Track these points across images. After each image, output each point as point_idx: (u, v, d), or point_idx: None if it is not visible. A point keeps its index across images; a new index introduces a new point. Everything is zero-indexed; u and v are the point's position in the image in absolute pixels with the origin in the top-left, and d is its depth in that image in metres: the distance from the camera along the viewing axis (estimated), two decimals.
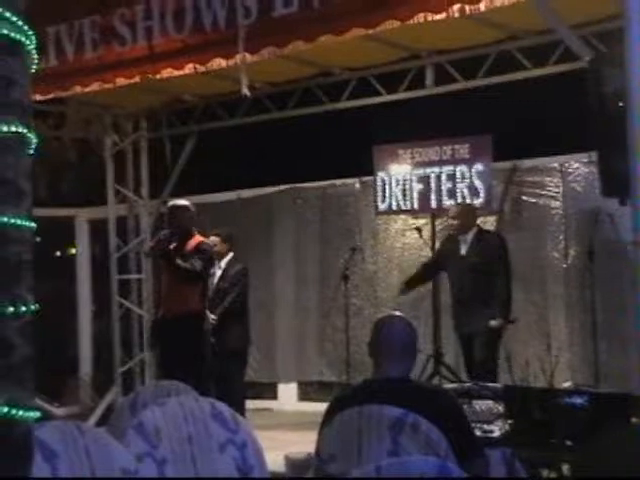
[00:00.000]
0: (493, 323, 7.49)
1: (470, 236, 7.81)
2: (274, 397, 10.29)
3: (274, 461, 4.51)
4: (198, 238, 7.67)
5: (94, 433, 3.34)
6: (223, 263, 8.26)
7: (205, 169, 10.69)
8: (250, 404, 9.44)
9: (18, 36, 2.11)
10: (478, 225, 7.97)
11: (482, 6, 6.27)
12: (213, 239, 8.03)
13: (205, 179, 10.97)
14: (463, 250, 7.81)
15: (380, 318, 3.86)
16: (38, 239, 2.14)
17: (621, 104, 4.50)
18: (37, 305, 2.11)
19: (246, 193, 10.34)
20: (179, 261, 7.36)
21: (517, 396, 4.25)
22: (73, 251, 11.76)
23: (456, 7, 6.32)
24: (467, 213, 7.94)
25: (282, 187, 10.16)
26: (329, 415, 3.61)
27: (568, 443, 3.89)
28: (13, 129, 2.07)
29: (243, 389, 8.35)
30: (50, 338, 7.42)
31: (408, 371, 3.69)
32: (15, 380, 2.02)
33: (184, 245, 7.55)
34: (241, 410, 7.43)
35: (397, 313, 3.98)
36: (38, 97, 7.53)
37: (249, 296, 8.36)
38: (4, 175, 2.05)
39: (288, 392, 10.22)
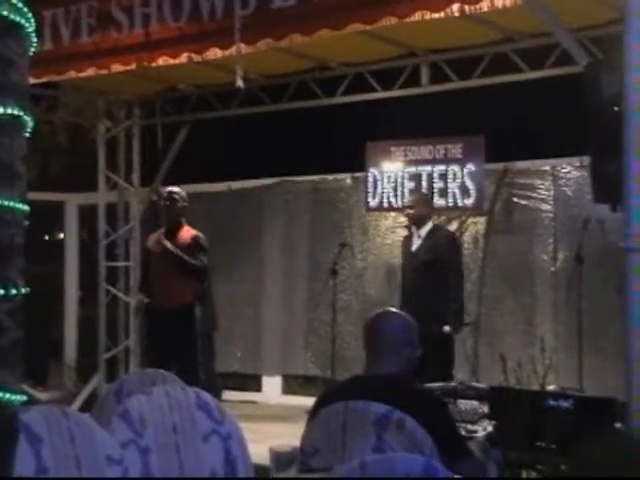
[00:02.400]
0: (446, 329, 7.40)
1: (423, 232, 7.76)
2: (258, 389, 10.25)
3: (258, 453, 4.46)
4: (189, 230, 7.68)
5: (79, 419, 3.32)
6: None
7: (197, 159, 10.76)
8: (234, 396, 9.60)
9: (18, 18, 2.10)
10: (434, 222, 7.94)
11: (484, 6, 6.27)
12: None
13: (197, 169, 10.95)
14: (414, 246, 7.77)
15: (373, 314, 3.82)
16: (27, 223, 2.12)
17: (616, 109, 4.50)
18: (27, 288, 2.10)
19: (237, 184, 10.31)
20: (187, 258, 7.41)
21: (502, 397, 4.24)
22: (61, 236, 11.76)
23: (455, 6, 6.32)
24: (422, 203, 7.88)
25: (273, 180, 10.13)
26: (316, 409, 3.60)
27: (552, 446, 3.90)
28: (9, 111, 2.05)
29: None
30: (36, 322, 7.38)
31: (398, 368, 3.64)
32: (4, 363, 2.01)
33: (174, 236, 7.59)
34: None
35: (393, 309, 3.95)
36: (32, 80, 7.42)
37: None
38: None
39: (272, 385, 10.18)
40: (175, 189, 7.80)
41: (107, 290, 10.33)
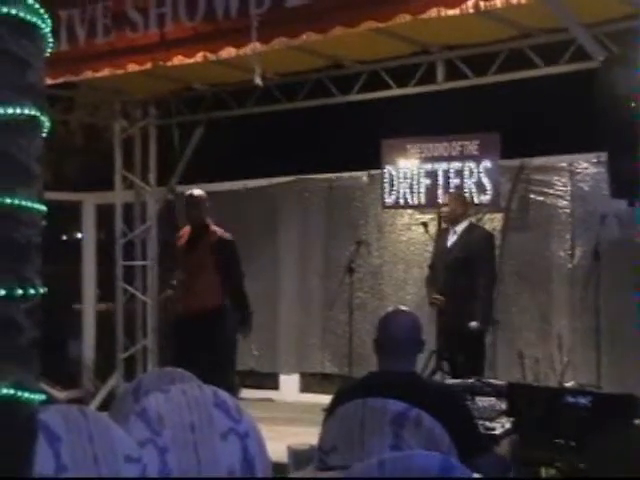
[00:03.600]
0: (473, 325, 7.43)
1: (459, 229, 7.77)
2: (275, 387, 10.28)
3: (276, 452, 4.47)
4: (215, 229, 7.66)
5: (97, 418, 3.35)
6: None
7: (213, 158, 10.72)
8: (251, 394, 9.66)
9: (34, 19, 2.10)
10: (471, 220, 7.97)
11: (499, 2, 6.24)
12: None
13: (212, 167, 10.93)
14: (449, 242, 7.78)
15: (385, 313, 3.87)
16: (44, 223, 2.13)
17: (633, 105, 4.47)
18: (45, 288, 2.11)
19: (252, 183, 10.31)
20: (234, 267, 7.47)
21: (520, 394, 4.25)
22: (79, 235, 11.76)
23: (470, 3, 6.28)
24: (457, 200, 7.89)
25: (289, 178, 10.12)
26: (333, 407, 3.62)
27: (570, 443, 3.88)
28: (27, 112, 2.06)
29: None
30: (54, 322, 7.43)
31: (412, 366, 3.70)
32: (22, 362, 2.02)
33: (200, 239, 7.58)
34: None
35: (402, 307, 3.99)
36: (49, 81, 7.33)
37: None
38: (17, 157, 2.04)
39: (290, 383, 10.22)
40: (196, 192, 7.78)
41: (124, 289, 10.32)
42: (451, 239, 7.80)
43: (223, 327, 7.48)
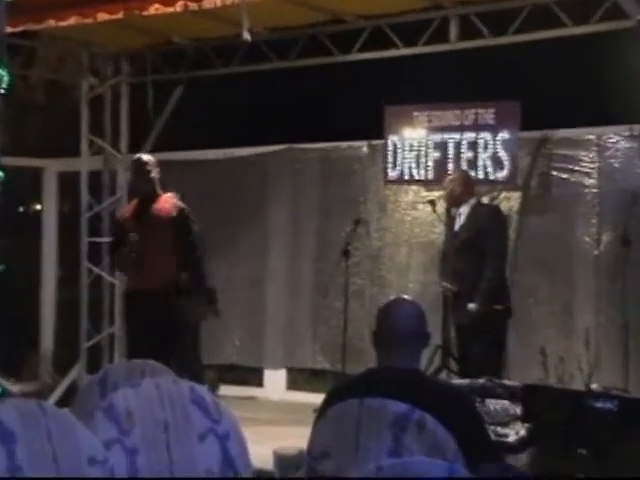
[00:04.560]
0: (470, 307, 7.55)
1: (465, 210, 7.90)
2: (259, 384, 10.30)
3: (260, 456, 4.51)
4: (167, 198, 7.61)
5: (58, 414, 3.32)
6: None
7: (193, 122, 10.73)
8: (231, 391, 9.68)
9: None
10: (478, 199, 8.04)
11: None
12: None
13: (192, 133, 10.92)
14: (457, 226, 7.91)
15: (386, 302, 3.90)
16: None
17: None
18: (3, 265, 2.10)
19: (237, 152, 10.21)
20: (191, 237, 7.39)
21: (537, 396, 4.31)
22: (38, 207, 11.75)
23: None
24: (454, 181, 7.98)
25: (279, 147, 10.04)
26: (325, 407, 3.62)
27: (592, 452, 3.89)
28: None
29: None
30: (8, 305, 7.42)
31: (416, 362, 3.72)
32: None
33: (150, 210, 7.52)
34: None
35: (404, 296, 4.02)
36: (8, 29, 7.37)
37: None
38: None
39: (276, 379, 10.22)
40: (145, 157, 7.74)
41: (89, 270, 10.27)
42: (458, 222, 7.92)
43: (181, 309, 7.40)
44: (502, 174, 8.44)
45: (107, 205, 10.37)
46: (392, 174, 8.96)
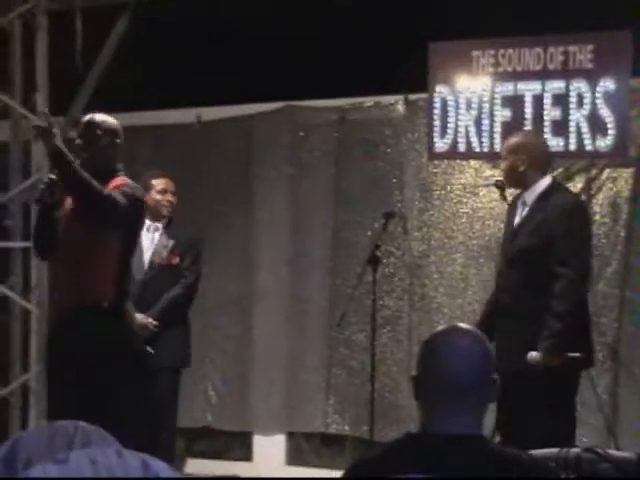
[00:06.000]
0: (532, 356, 7.02)
1: (531, 196, 7.39)
2: (246, 458, 9.96)
3: None
4: (120, 180, 7.24)
5: None
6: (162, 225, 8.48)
7: (144, 70, 10.19)
8: (205, 467, 9.76)
9: None
10: (554, 178, 7.60)
11: None
12: (159, 181, 8.30)
13: (144, 87, 10.40)
14: (517, 220, 7.49)
15: (433, 334, 3.74)
16: None
17: None
18: None
19: (212, 113, 10.04)
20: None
21: None
22: None
23: None
24: (513, 151, 7.46)
25: (273, 105, 9.81)
26: None
27: None
28: None
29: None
30: None
31: (479, 424, 3.61)
32: None
33: None
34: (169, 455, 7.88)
35: (460, 325, 3.85)
36: None
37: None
38: None
39: (270, 450, 9.85)
40: (98, 117, 7.30)
41: None
42: (519, 215, 7.50)
43: (108, 336, 6.97)
44: (605, 142, 8.21)
45: (17, 192, 9.90)
46: (440, 145, 8.75)
